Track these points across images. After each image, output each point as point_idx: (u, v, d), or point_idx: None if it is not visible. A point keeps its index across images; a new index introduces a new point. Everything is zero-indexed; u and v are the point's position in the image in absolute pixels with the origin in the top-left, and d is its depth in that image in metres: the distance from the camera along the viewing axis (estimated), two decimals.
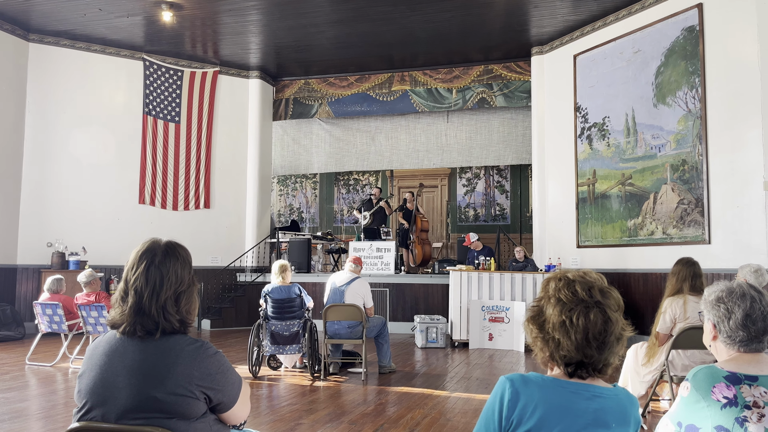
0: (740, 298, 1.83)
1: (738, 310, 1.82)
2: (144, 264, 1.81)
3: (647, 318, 7.35)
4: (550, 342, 1.54)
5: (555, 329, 1.53)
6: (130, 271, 1.82)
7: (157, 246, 1.85)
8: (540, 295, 1.62)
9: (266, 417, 4.69)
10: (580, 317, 1.51)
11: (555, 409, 1.45)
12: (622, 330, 1.55)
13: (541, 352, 1.59)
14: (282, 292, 6.28)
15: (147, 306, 1.77)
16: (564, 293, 1.55)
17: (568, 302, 1.53)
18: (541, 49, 10.71)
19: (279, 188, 16.82)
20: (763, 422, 1.62)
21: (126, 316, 1.77)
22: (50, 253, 10.01)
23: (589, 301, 1.53)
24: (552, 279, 1.62)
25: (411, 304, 10.43)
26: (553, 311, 1.54)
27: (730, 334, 1.82)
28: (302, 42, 10.73)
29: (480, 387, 5.87)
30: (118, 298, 1.81)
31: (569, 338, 1.50)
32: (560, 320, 1.52)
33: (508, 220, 15.07)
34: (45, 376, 6.29)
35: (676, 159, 8.29)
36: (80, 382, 1.78)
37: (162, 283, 1.79)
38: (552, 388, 1.49)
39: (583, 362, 1.51)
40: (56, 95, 10.49)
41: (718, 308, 1.84)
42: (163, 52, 11.28)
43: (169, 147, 11.46)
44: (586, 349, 1.50)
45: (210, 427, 1.80)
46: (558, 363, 1.55)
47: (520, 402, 1.46)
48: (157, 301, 1.78)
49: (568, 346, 1.51)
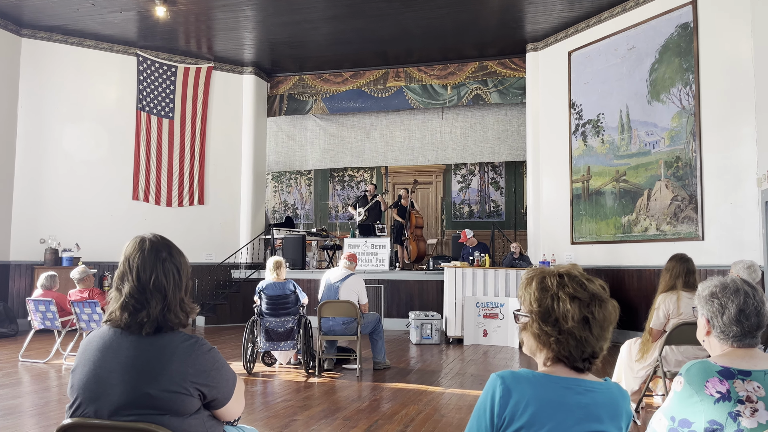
0: (734, 294, 1.83)
1: (731, 305, 1.82)
2: (139, 260, 1.80)
3: (641, 314, 7.38)
4: (569, 340, 1.50)
5: (576, 325, 1.50)
6: (126, 268, 1.81)
7: (150, 242, 1.85)
8: (536, 295, 1.56)
9: (260, 413, 4.69)
10: (598, 310, 1.52)
11: (547, 405, 1.45)
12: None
13: (549, 351, 1.54)
14: (276, 288, 6.27)
15: (144, 302, 1.76)
16: (575, 289, 1.53)
17: (584, 298, 1.52)
18: (535, 46, 10.71)
19: (273, 185, 16.79)
20: (756, 417, 1.62)
21: (122, 312, 1.76)
22: (43, 249, 9.97)
23: (603, 294, 1.54)
24: (546, 276, 1.57)
25: (405, 301, 10.44)
26: (571, 308, 1.50)
27: (723, 329, 1.82)
28: (297, 38, 10.70)
29: (474, 383, 5.88)
30: (114, 294, 1.80)
31: (591, 333, 1.50)
32: (582, 316, 1.50)
33: (502, 216, 15.10)
34: (38, 373, 6.26)
35: (670, 156, 8.32)
36: (73, 377, 1.77)
37: (158, 278, 1.79)
38: (544, 384, 1.48)
39: (594, 353, 1.52)
40: (49, 91, 10.43)
41: (711, 303, 1.85)
42: (157, 47, 11.22)
43: (162, 143, 11.41)
44: (602, 341, 1.52)
45: (204, 424, 1.79)
46: (563, 360, 1.52)
47: (512, 399, 1.46)
48: (154, 297, 1.77)
49: (591, 340, 1.50)
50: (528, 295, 1.58)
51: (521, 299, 1.63)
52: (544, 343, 1.54)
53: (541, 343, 1.55)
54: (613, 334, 1.57)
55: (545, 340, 1.53)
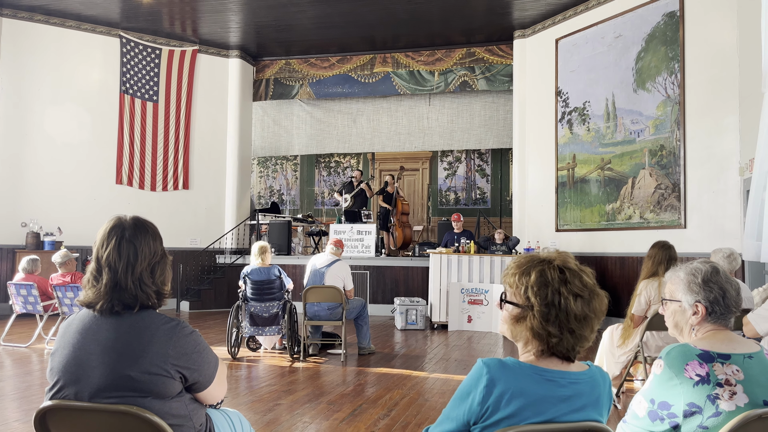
0: (724, 277, 1.88)
1: (730, 288, 1.87)
2: (115, 240, 1.79)
3: (624, 300, 7.45)
4: (569, 338, 1.47)
5: (577, 323, 1.47)
6: (101, 249, 1.79)
7: (125, 221, 1.84)
8: (535, 288, 1.48)
9: (245, 398, 4.69)
10: (596, 304, 1.51)
11: (532, 397, 1.44)
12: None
13: (542, 345, 1.49)
14: (261, 273, 6.25)
15: (123, 281, 1.75)
16: (577, 285, 1.49)
17: (586, 296, 1.49)
18: (523, 33, 10.70)
19: (259, 170, 16.68)
20: (735, 400, 1.65)
21: (102, 294, 1.75)
22: (25, 233, 9.84)
23: (599, 290, 1.52)
24: (545, 269, 1.50)
25: (391, 287, 10.46)
26: (575, 305, 1.47)
27: (723, 312, 1.85)
28: (283, 21, 10.58)
29: (458, 368, 5.93)
30: (90, 278, 1.79)
31: (591, 328, 1.50)
32: (583, 313, 1.48)
33: (488, 203, 15.15)
34: (20, 357, 6.21)
35: (655, 144, 8.38)
36: (53, 360, 1.75)
37: (136, 256, 1.78)
38: (529, 376, 1.46)
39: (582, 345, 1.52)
40: (30, 72, 10.24)
41: (710, 289, 1.86)
42: (141, 29, 11.05)
43: (147, 126, 11.28)
44: (594, 333, 1.52)
45: (186, 406, 1.79)
46: (555, 352, 1.49)
47: (497, 389, 1.43)
48: (133, 275, 1.77)
49: (588, 335, 1.50)
50: (523, 287, 1.50)
51: (512, 287, 1.54)
52: (540, 339, 1.49)
53: (537, 338, 1.49)
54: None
55: (544, 337, 1.48)
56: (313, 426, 3.99)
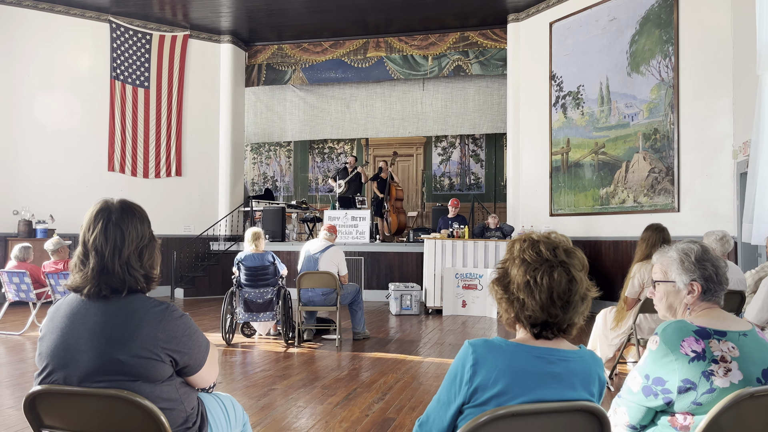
0: (714, 256, 1.89)
1: (720, 264, 1.89)
2: (101, 223, 1.75)
3: (617, 284, 7.48)
4: (515, 303, 1.53)
5: (520, 290, 1.52)
6: (88, 233, 1.76)
7: (111, 205, 1.80)
8: (505, 257, 1.60)
9: (240, 383, 4.69)
10: (544, 277, 1.49)
11: (519, 374, 1.44)
12: (586, 290, 1.53)
13: (506, 313, 1.57)
14: (255, 259, 6.23)
15: (110, 264, 1.73)
16: (528, 253, 1.53)
17: (532, 262, 1.52)
18: (517, 17, 10.62)
19: (252, 156, 16.60)
20: (729, 377, 1.65)
21: (89, 278, 1.72)
22: (17, 221, 9.77)
23: (554, 261, 1.51)
24: (517, 240, 1.60)
25: (386, 272, 10.46)
26: (518, 272, 1.53)
27: (717, 290, 1.86)
28: (274, 5, 10.47)
29: (452, 352, 5.94)
30: (77, 262, 1.76)
31: (534, 298, 1.49)
32: (525, 280, 1.51)
33: (482, 189, 15.13)
34: (13, 345, 6.19)
35: (648, 128, 8.36)
36: (41, 345, 1.73)
37: (123, 239, 1.75)
38: (516, 353, 1.47)
39: (548, 322, 1.50)
40: (19, 58, 10.11)
41: (705, 268, 1.87)
42: (131, 14, 10.91)
43: (138, 113, 11.18)
44: (551, 309, 1.49)
45: (176, 390, 1.77)
46: (524, 324, 1.54)
47: (484, 368, 1.44)
48: (120, 258, 1.74)
49: (533, 306, 1.49)
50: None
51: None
52: (499, 305, 1.59)
53: (499, 305, 1.59)
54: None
55: (499, 301, 1.59)
56: (307, 410, 3.99)
